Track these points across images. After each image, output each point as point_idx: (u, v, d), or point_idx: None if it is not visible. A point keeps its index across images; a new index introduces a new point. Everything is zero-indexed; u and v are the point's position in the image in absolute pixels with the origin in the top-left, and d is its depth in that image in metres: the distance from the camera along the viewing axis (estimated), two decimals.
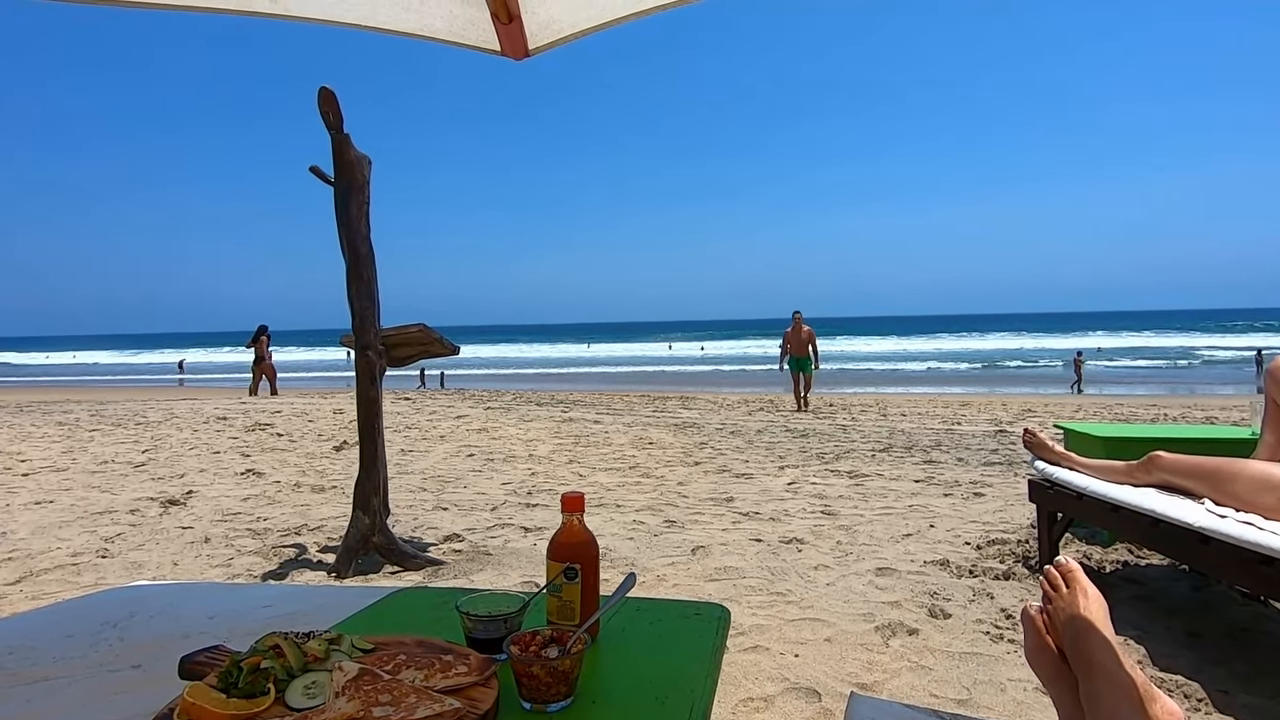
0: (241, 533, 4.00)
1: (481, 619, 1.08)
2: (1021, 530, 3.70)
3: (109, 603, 1.48)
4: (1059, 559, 1.09)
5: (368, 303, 3.59)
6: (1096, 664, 0.95)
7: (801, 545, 3.56)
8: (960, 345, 45.59)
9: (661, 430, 8.30)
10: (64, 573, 3.33)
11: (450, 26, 1.53)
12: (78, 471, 5.81)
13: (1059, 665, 1.01)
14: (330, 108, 3.53)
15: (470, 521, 4.20)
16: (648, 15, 1.41)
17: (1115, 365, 29.87)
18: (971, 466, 5.71)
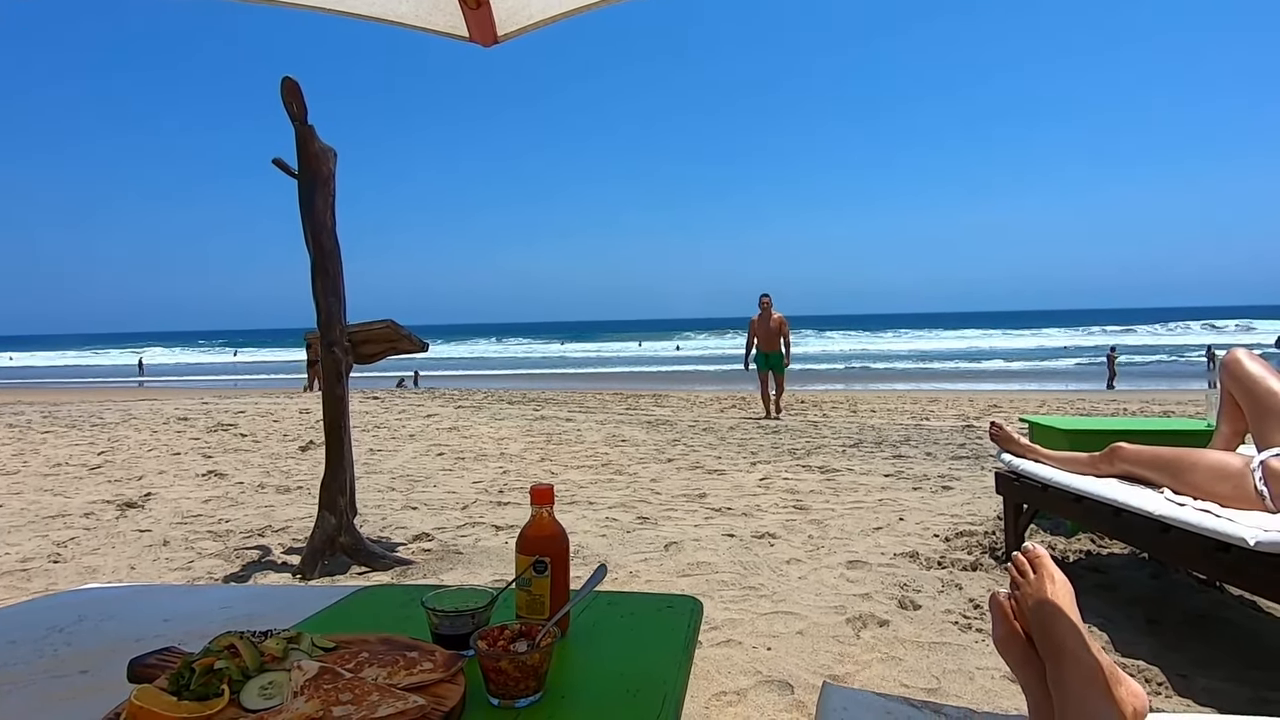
0: (202, 535, 3.89)
1: (448, 615, 1.05)
2: (988, 522, 3.76)
3: (56, 607, 1.42)
4: (1026, 545, 1.10)
5: (333, 299, 3.51)
6: (1064, 648, 0.95)
7: (774, 540, 3.57)
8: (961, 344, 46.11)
9: (634, 428, 8.29)
10: (12, 579, 3.21)
11: (417, 11, 1.48)
12: (29, 474, 5.60)
13: (1027, 651, 1.01)
14: (294, 99, 3.43)
15: (440, 520, 4.15)
16: (619, 2, 1.37)
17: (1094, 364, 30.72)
18: (940, 461, 5.79)
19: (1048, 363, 30.35)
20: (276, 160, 3.56)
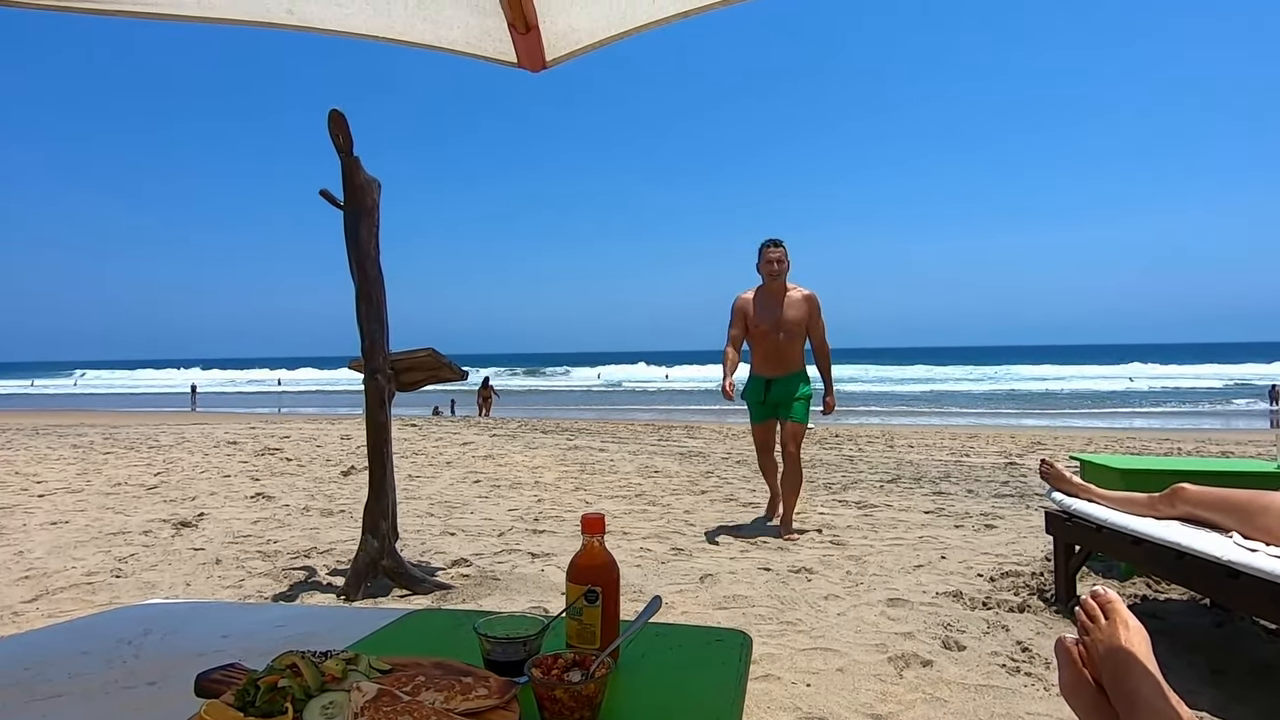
0: (252, 554, 4.00)
1: (500, 641, 1.06)
2: (1035, 563, 3.66)
3: (124, 620, 1.48)
4: (1096, 589, 1.06)
5: (377, 326, 3.56)
6: (1140, 698, 0.91)
7: (811, 575, 3.52)
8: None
9: (667, 459, 8.27)
10: (79, 591, 3.34)
11: (467, 37, 1.51)
12: (92, 493, 5.84)
13: (1098, 700, 0.97)
14: (340, 130, 3.51)
15: (478, 547, 4.18)
16: (669, 23, 1.40)
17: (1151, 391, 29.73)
18: (982, 498, 5.65)
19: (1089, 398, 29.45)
20: (323, 191, 3.63)
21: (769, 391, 4.48)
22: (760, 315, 4.44)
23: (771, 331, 4.41)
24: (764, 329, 4.42)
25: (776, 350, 4.44)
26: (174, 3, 1.38)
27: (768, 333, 4.42)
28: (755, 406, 4.57)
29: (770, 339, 4.43)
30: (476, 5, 1.41)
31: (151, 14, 1.39)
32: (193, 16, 1.42)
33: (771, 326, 4.41)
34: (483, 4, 1.40)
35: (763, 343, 4.46)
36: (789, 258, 4.43)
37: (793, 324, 4.41)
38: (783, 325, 4.41)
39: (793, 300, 4.43)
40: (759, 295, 4.49)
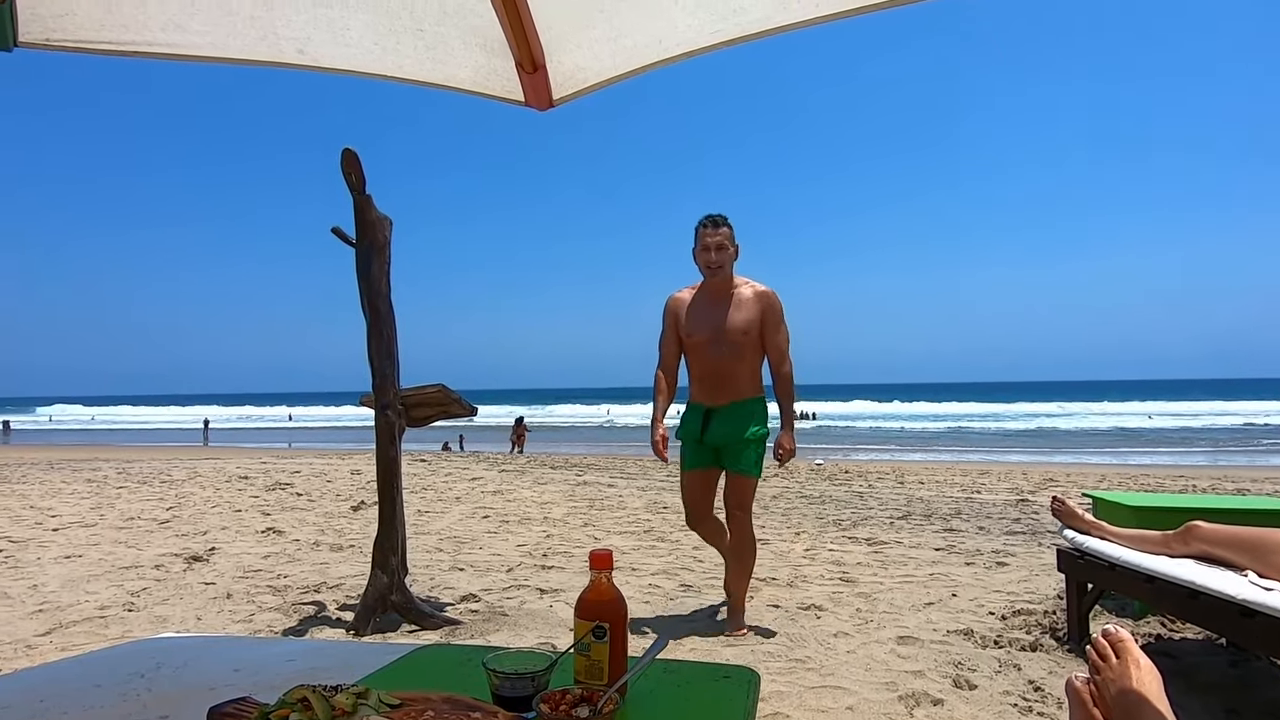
0: (263, 589, 4.02)
1: (509, 676, 1.07)
2: (1048, 601, 3.62)
3: (136, 654, 1.50)
4: (1108, 628, 1.05)
5: (387, 362, 3.60)
6: None
7: (820, 612, 3.50)
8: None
9: (676, 494, 8.18)
10: (92, 625, 3.37)
11: (475, 76, 1.54)
12: (105, 527, 5.89)
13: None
14: (353, 169, 3.57)
15: (486, 582, 4.18)
16: (674, 63, 1.44)
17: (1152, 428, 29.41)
18: (994, 535, 5.61)
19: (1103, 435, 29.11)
20: (335, 229, 3.69)
21: (707, 427, 3.21)
22: (695, 322, 3.21)
23: (709, 344, 3.17)
24: (700, 340, 3.20)
25: (716, 370, 3.20)
26: (190, 44, 1.46)
27: (705, 345, 3.19)
28: (688, 446, 3.29)
29: (708, 354, 3.19)
30: (484, 45, 1.48)
31: (169, 55, 1.47)
32: (208, 57, 1.50)
33: (709, 337, 3.17)
34: (490, 44, 1.47)
35: (699, 359, 3.23)
36: (736, 242, 3.22)
37: (738, 333, 3.15)
38: (725, 335, 3.15)
39: (740, 301, 3.18)
40: (697, 295, 3.28)
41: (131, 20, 1.41)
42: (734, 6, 1.30)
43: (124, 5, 1.39)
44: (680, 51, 1.40)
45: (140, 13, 1.41)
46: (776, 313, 3.24)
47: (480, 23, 1.43)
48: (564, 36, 1.46)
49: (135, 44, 1.44)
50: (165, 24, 1.43)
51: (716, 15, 1.32)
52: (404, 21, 1.48)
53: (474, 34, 1.47)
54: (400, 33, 1.50)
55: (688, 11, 1.34)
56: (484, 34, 1.46)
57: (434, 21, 1.47)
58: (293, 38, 1.49)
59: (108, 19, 1.40)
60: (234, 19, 1.45)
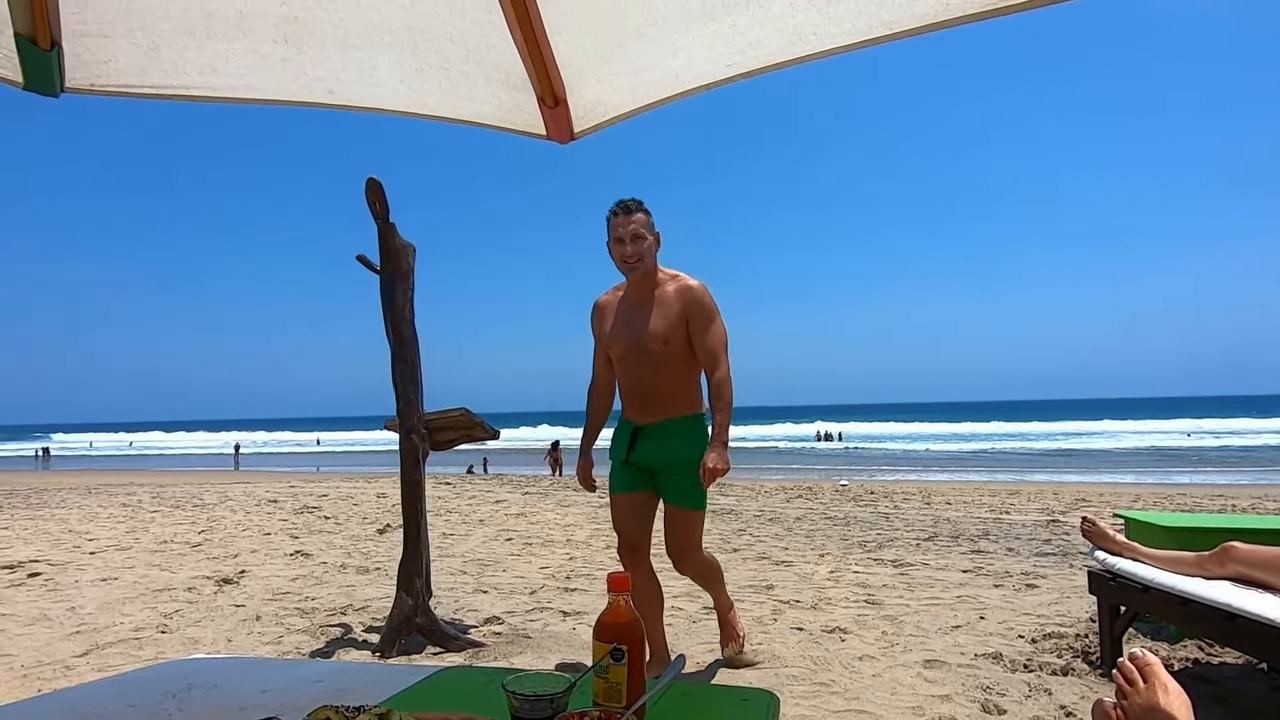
0: (291, 611, 4.08)
1: (528, 698, 1.08)
2: (1080, 624, 3.55)
3: (169, 675, 1.54)
4: (1135, 651, 1.04)
5: (411, 387, 3.65)
6: None
7: (845, 635, 3.46)
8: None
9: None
10: (127, 646, 3.45)
11: (498, 112, 1.59)
12: (140, 550, 6.04)
13: None
14: (377, 198, 3.62)
15: (510, 604, 4.20)
16: (692, 95, 1.46)
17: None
18: (1023, 557, 5.50)
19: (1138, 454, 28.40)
20: (360, 256, 3.75)
21: (635, 446, 2.81)
22: (615, 329, 2.81)
23: (629, 354, 2.76)
24: (620, 351, 2.79)
25: (637, 384, 2.78)
26: (226, 86, 1.54)
27: (625, 356, 2.78)
28: (615, 466, 2.90)
29: (628, 366, 2.78)
30: (506, 81, 1.52)
31: (205, 97, 1.54)
32: (242, 98, 1.57)
33: (629, 346, 2.75)
34: (513, 80, 1.51)
35: (621, 372, 2.83)
36: (655, 230, 2.73)
37: (656, 341, 2.70)
38: (647, 340, 2.71)
39: (663, 299, 2.73)
40: (621, 298, 2.85)
41: (171, 65, 1.49)
42: (750, 40, 1.32)
43: (163, 51, 1.47)
44: (698, 84, 1.43)
45: (179, 58, 1.48)
46: (704, 311, 2.72)
47: (503, 60, 1.48)
48: (584, 71, 1.50)
49: (174, 87, 1.51)
50: (202, 68, 1.50)
51: (733, 49, 1.35)
52: (429, 60, 1.53)
53: (497, 71, 1.52)
54: (426, 71, 1.56)
55: (704, 45, 1.37)
56: (506, 70, 1.50)
57: (459, 60, 1.52)
58: (322, 78, 1.56)
59: (149, 64, 1.48)
60: (267, 61, 1.51)
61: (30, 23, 1.30)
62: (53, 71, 1.38)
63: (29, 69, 1.37)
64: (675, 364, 2.74)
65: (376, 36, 1.47)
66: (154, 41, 1.43)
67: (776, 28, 1.29)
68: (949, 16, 1.17)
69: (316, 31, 1.45)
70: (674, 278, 2.79)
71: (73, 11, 1.33)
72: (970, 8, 1.15)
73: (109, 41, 1.40)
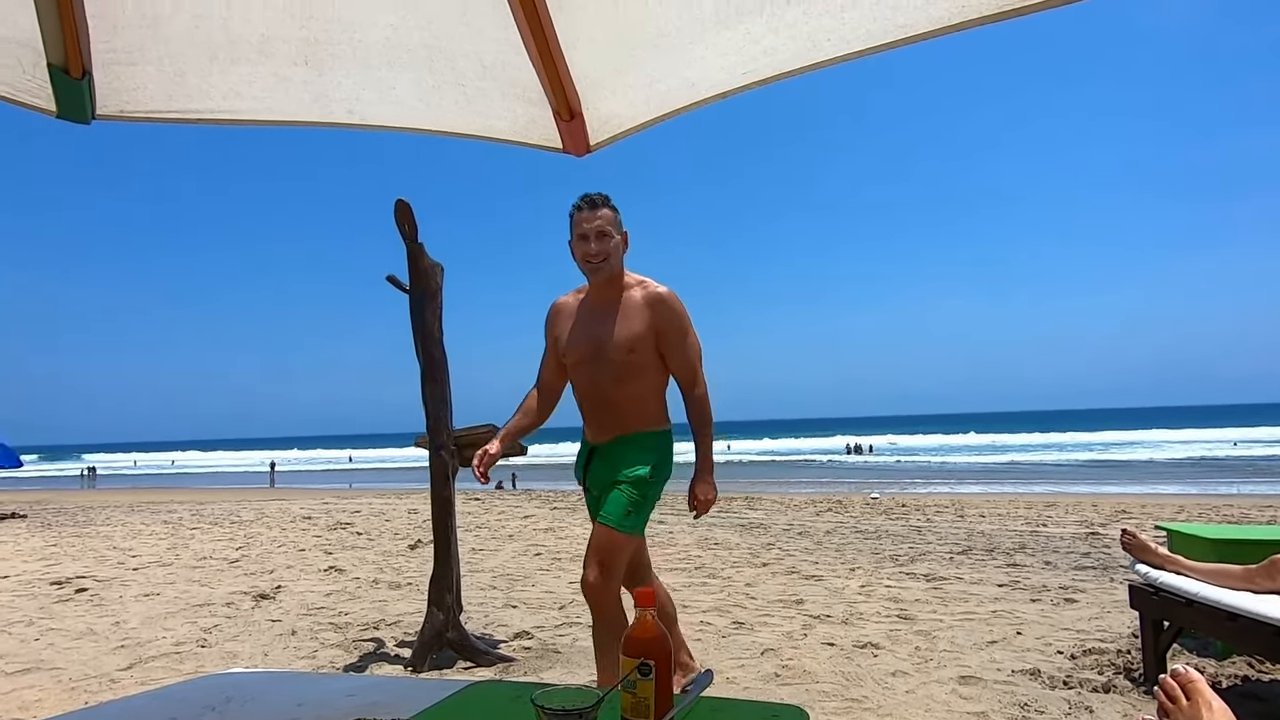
0: (325, 626, 4.13)
1: (557, 713, 1.08)
2: (1121, 640, 3.44)
3: (208, 688, 1.57)
4: (1177, 668, 1.02)
5: (441, 405, 3.68)
6: None
7: (877, 650, 3.40)
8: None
9: (727, 530, 8.14)
10: (168, 660, 3.54)
11: (513, 126, 1.59)
12: (180, 566, 6.20)
13: None
14: (406, 219, 3.67)
15: (539, 619, 4.20)
16: (705, 105, 1.46)
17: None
18: (1061, 570, 5.36)
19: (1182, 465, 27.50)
20: (390, 277, 3.79)
21: (590, 468, 2.56)
22: (573, 334, 2.51)
23: (586, 362, 2.47)
24: (576, 358, 2.49)
25: (592, 396, 2.49)
26: (249, 109, 1.57)
27: (581, 364, 2.48)
28: (586, 498, 2.65)
29: (583, 375, 2.49)
30: (522, 96, 1.53)
31: (230, 120, 1.58)
32: (265, 120, 1.61)
33: (587, 353, 2.46)
34: (529, 95, 1.52)
35: (576, 382, 2.54)
36: (623, 229, 2.47)
37: (620, 350, 2.41)
38: (609, 349, 2.42)
39: (629, 307, 2.45)
40: (582, 302, 2.56)
41: (196, 90, 1.53)
42: (765, 48, 1.32)
43: (189, 76, 1.51)
44: (714, 93, 1.43)
45: (204, 83, 1.52)
46: (678, 322, 2.45)
47: (519, 74, 1.49)
48: (599, 84, 1.50)
49: (200, 111, 1.56)
50: (226, 92, 1.54)
51: (748, 57, 1.34)
52: (446, 77, 1.56)
53: (513, 85, 1.53)
54: (443, 88, 1.58)
55: (719, 54, 1.36)
56: (522, 85, 1.52)
57: (475, 76, 1.54)
58: (343, 99, 1.59)
59: (175, 90, 1.52)
60: (289, 84, 1.55)
61: (63, 53, 1.34)
62: (84, 100, 1.43)
63: (61, 98, 1.41)
64: (637, 376, 2.44)
65: (395, 56, 1.50)
66: (180, 68, 1.48)
67: (791, 35, 1.28)
68: (965, 19, 1.15)
69: (336, 53, 1.48)
70: (641, 283, 2.50)
71: (103, 41, 1.38)
72: (986, 9, 1.13)
73: (137, 69, 1.44)
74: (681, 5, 1.32)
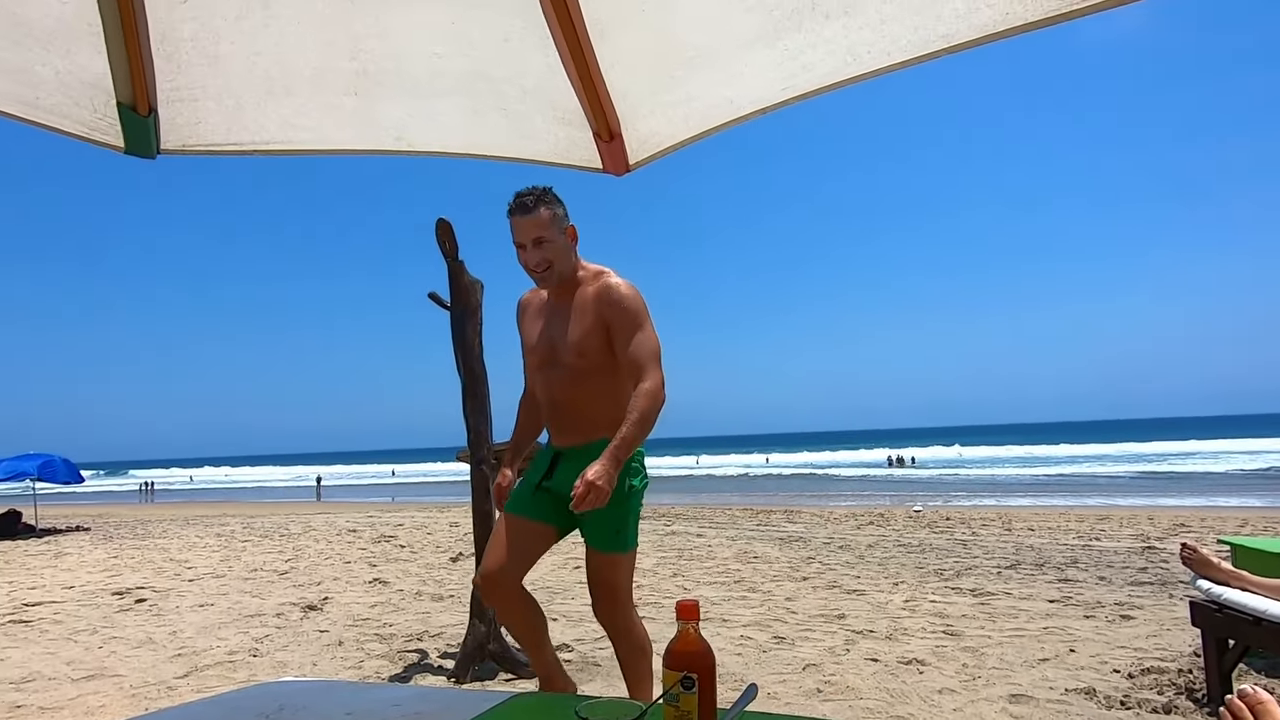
0: (370, 637, 4.22)
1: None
2: (1183, 658, 3.31)
3: (261, 696, 1.62)
4: (1245, 688, 0.98)
5: (481, 419, 3.72)
6: None
7: (923, 667, 3.33)
8: None
9: (766, 544, 8.06)
10: (223, 669, 3.65)
11: (554, 149, 1.62)
12: (233, 578, 6.41)
13: None
14: (446, 237, 3.72)
15: (579, 632, 4.21)
16: (744, 122, 1.46)
17: None
18: (1116, 586, 5.18)
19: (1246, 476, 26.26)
20: (431, 294, 3.85)
21: (553, 472, 2.36)
22: (535, 336, 2.38)
23: (546, 364, 2.33)
24: (538, 359, 2.37)
25: (557, 399, 2.34)
26: (302, 140, 1.64)
27: (542, 367, 2.35)
28: (522, 487, 2.44)
29: (544, 378, 2.35)
30: (563, 119, 1.57)
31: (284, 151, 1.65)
32: (316, 150, 1.68)
33: (546, 355, 2.33)
34: (569, 117, 1.55)
35: (539, 385, 2.40)
36: (566, 224, 2.25)
37: (571, 352, 2.26)
38: (562, 352, 2.29)
39: (581, 305, 2.27)
40: (545, 298, 2.39)
41: (253, 123, 1.61)
42: (803, 63, 1.32)
43: (247, 110, 1.59)
44: (752, 109, 1.43)
45: (260, 115, 1.60)
46: (627, 315, 2.22)
47: (559, 97, 1.52)
48: (638, 104, 1.52)
49: (256, 143, 1.63)
50: (281, 124, 1.62)
51: (786, 72, 1.35)
52: (489, 102, 1.60)
53: (553, 108, 1.57)
54: (486, 113, 1.63)
55: (758, 70, 1.37)
56: (563, 108, 1.56)
57: (516, 100, 1.59)
58: (390, 126, 1.65)
59: (234, 124, 1.60)
60: (339, 114, 1.62)
61: (131, 92, 1.43)
62: (150, 135, 1.51)
63: (129, 135, 1.50)
64: (595, 379, 2.25)
65: (439, 83, 1.55)
66: (238, 102, 1.55)
67: (830, 49, 1.27)
68: (1009, 25, 1.12)
69: (385, 82, 1.54)
70: (597, 275, 2.28)
71: (167, 80, 1.46)
72: (1031, 15, 1.10)
73: (198, 104, 1.52)
74: (720, 26, 1.33)
